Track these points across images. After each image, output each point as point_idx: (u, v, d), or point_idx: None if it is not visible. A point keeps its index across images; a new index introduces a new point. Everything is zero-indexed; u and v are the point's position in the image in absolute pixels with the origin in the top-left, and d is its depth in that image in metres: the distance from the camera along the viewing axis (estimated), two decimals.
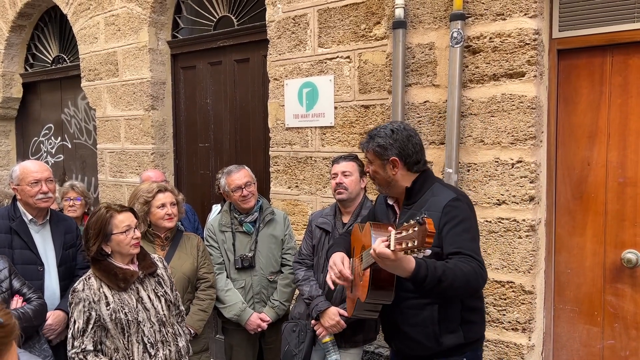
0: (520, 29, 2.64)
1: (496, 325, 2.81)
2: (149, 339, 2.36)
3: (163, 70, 4.86)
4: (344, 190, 2.77)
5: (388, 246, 1.71)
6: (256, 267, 3.13)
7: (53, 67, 6.17)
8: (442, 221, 1.97)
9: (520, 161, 2.68)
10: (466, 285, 1.88)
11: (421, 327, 2.06)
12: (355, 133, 3.47)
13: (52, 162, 6.24)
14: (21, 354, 1.08)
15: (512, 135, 2.70)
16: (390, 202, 2.25)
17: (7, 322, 0.85)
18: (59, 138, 6.23)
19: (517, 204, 2.70)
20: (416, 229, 1.61)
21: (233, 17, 4.43)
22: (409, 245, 1.62)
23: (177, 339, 2.49)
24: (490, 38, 2.73)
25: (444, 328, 2.04)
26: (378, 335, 2.95)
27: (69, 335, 2.32)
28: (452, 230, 1.96)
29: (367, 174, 2.26)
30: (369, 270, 1.99)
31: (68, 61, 6.00)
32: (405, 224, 1.67)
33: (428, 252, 1.63)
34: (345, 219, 2.85)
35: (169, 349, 2.42)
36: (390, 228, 2.01)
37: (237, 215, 3.18)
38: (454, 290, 1.89)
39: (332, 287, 2.24)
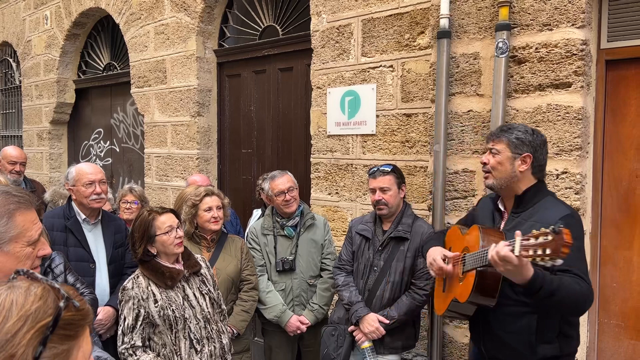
0: (568, 39, 2.62)
1: None
2: (195, 335, 2.43)
3: (209, 78, 5.01)
4: (384, 206, 2.80)
5: (512, 251, 1.75)
6: (296, 271, 3.19)
7: (104, 74, 6.43)
8: None
9: (566, 172, 2.66)
10: (574, 305, 1.93)
11: (517, 335, 2.07)
12: (396, 141, 3.50)
13: (101, 165, 6.46)
14: None
15: (558, 146, 2.67)
16: (501, 206, 2.25)
17: (82, 307, 0.88)
18: (108, 142, 6.47)
19: None
20: (549, 237, 1.64)
21: (278, 27, 4.53)
22: (537, 253, 1.66)
23: (221, 336, 2.55)
24: (536, 48, 2.72)
25: (540, 338, 2.05)
26: (417, 343, 2.96)
27: (119, 332, 2.42)
28: None
29: (482, 165, 2.22)
30: (474, 272, 2.01)
31: (118, 68, 6.24)
32: (535, 231, 1.71)
33: (559, 262, 1.64)
34: (386, 226, 2.88)
35: (214, 345, 2.49)
36: (501, 235, 2.04)
37: (279, 219, 3.25)
38: (562, 307, 1.94)
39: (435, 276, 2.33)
